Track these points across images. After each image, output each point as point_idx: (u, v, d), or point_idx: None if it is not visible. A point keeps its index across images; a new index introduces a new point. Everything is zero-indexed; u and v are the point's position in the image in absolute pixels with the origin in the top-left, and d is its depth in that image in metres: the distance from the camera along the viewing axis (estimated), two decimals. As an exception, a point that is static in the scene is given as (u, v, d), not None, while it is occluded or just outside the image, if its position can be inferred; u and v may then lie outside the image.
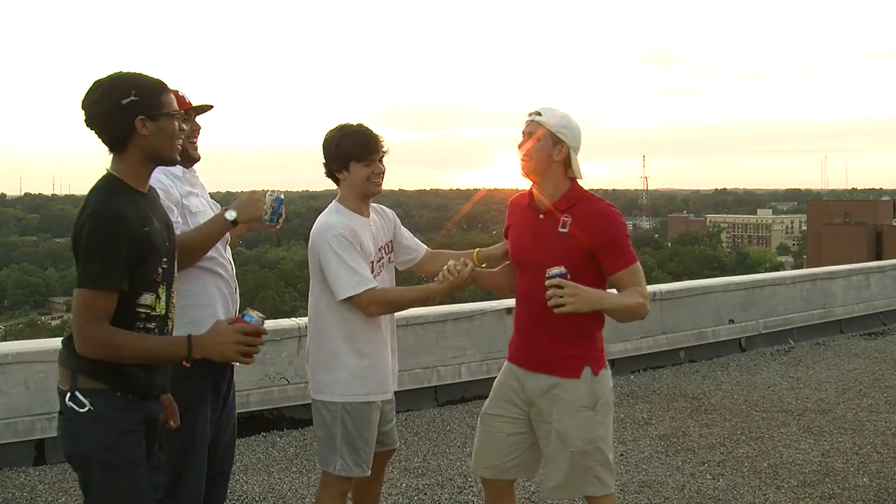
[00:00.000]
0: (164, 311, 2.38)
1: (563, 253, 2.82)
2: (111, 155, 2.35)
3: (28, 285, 77.68)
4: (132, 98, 2.27)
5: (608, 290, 2.92)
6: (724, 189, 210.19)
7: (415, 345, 6.04)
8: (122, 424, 2.29)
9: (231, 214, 2.83)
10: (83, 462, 2.29)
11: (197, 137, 3.01)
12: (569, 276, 2.70)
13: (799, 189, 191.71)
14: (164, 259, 2.35)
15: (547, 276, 2.70)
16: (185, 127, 2.67)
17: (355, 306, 3.01)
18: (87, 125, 2.32)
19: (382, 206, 3.35)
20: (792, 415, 5.89)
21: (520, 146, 2.93)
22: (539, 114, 2.90)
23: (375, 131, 3.10)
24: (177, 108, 2.39)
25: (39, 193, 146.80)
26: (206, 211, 2.96)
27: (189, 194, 2.90)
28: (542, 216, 2.93)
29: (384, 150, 3.12)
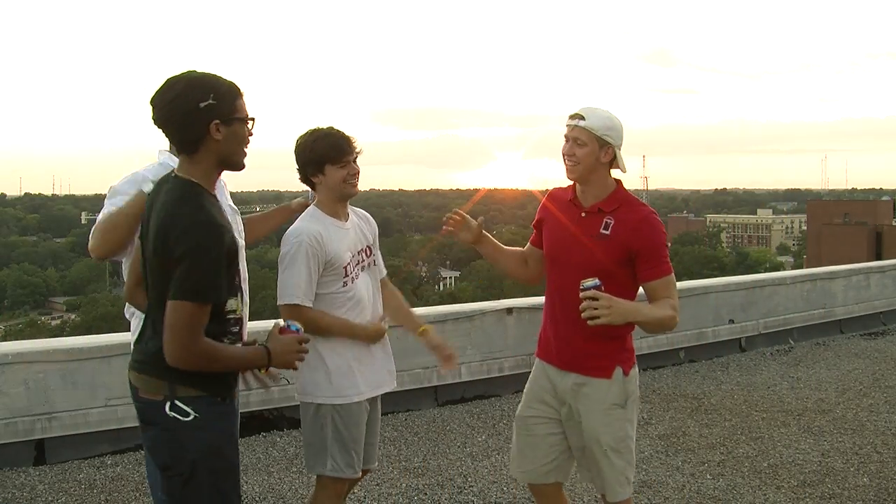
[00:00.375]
0: (241, 313, 2.43)
1: (603, 254, 2.83)
2: (180, 156, 2.32)
3: (28, 285, 77.65)
4: (210, 101, 2.22)
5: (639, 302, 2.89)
6: (724, 189, 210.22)
7: (415, 345, 5.99)
8: (226, 429, 2.35)
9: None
10: (190, 469, 2.26)
11: None
12: (603, 289, 2.68)
13: (799, 189, 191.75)
14: (239, 260, 2.41)
15: (581, 287, 2.69)
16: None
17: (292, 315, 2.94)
18: (158, 124, 2.29)
19: (366, 214, 3.35)
20: (792, 415, 5.89)
21: (565, 151, 2.90)
22: (582, 117, 2.85)
23: (346, 133, 3.11)
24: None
25: (39, 193, 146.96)
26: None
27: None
28: (584, 214, 2.92)
29: (357, 150, 3.12)
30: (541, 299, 3.24)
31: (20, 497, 4.39)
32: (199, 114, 2.22)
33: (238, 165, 2.39)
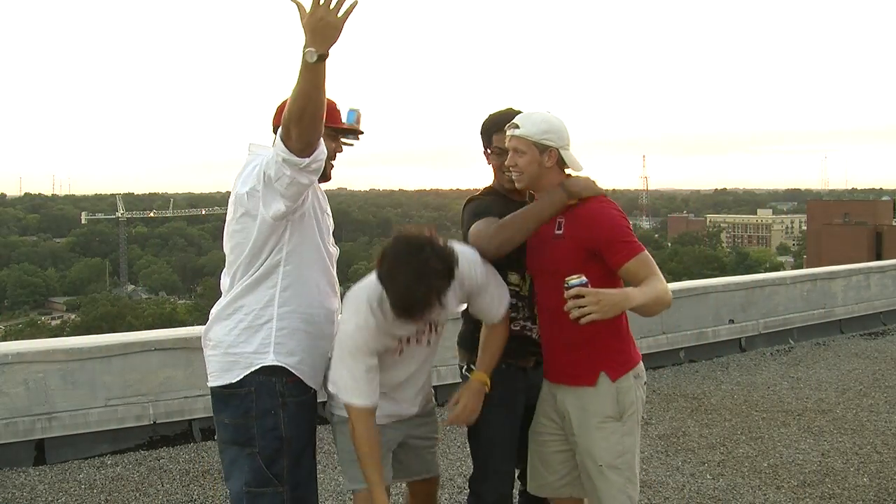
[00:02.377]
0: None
1: (561, 255, 2.73)
2: None
3: (28, 285, 77.70)
4: None
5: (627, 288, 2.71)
6: (724, 189, 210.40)
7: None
8: None
9: (311, 54, 2.28)
10: None
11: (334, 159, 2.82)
12: (589, 285, 2.54)
13: (799, 189, 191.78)
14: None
15: (566, 286, 2.55)
16: (342, 149, 2.81)
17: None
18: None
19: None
20: (792, 415, 5.89)
21: (507, 163, 2.82)
22: (517, 126, 2.77)
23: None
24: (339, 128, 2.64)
25: (39, 193, 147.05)
26: (311, 214, 2.70)
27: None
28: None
29: None
30: None
31: (20, 497, 4.40)
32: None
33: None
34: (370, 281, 2.58)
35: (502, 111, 3.03)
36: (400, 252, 2.43)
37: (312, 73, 2.29)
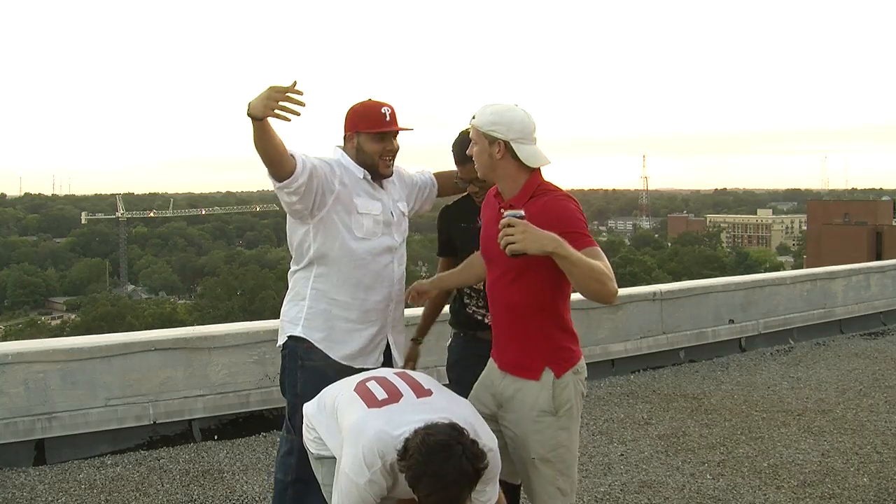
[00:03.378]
0: None
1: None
2: None
3: (28, 285, 77.70)
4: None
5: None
6: (724, 189, 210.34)
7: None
8: None
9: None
10: None
11: (391, 159, 3.25)
12: (525, 219, 2.54)
13: (799, 189, 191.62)
14: None
15: (503, 215, 2.56)
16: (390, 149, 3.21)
17: None
18: None
19: None
20: (792, 415, 5.89)
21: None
22: (474, 116, 2.79)
23: None
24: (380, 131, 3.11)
25: (39, 193, 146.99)
26: (373, 213, 3.20)
27: (360, 193, 3.18)
28: (502, 210, 2.75)
29: None
30: None
31: (20, 497, 4.40)
32: None
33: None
34: (385, 435, 2.46)
35: (464, 139, 3.16)
36: (432, 456, 2.33)
37: (253, 128, 2.84)
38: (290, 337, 3.27)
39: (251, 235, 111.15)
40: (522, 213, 2.56)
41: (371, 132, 3.13)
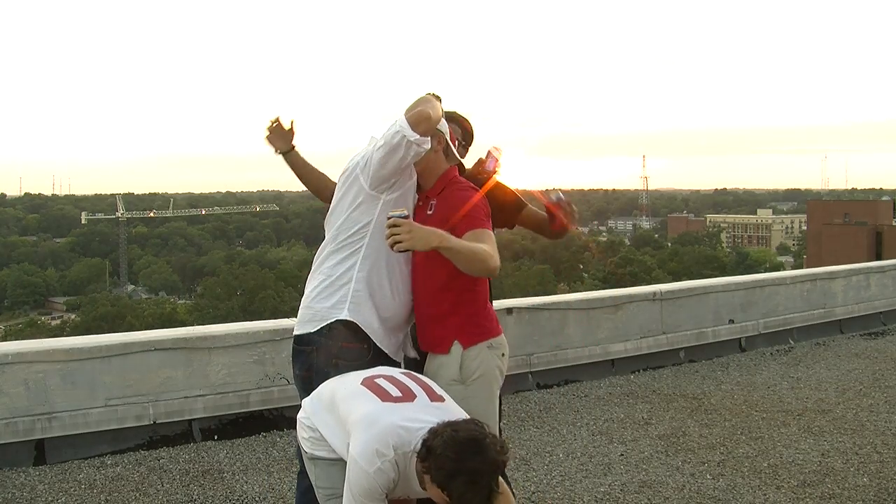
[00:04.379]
0: None
1: None
2: None
3: (28, 285, 77.74)
4: None
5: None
6: (724, 189, 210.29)
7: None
8: None
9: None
10: None
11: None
12: (410, 219, 2.78)
13: (799, 189, 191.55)
14: None
15: (388, 217, 2.78)
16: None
17: None
18: None
19: None
20: (792, 415, 5.89)
21: None
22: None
23: None
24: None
25: (39, 193, 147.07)
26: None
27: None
28: (420, 203, 3.13)
29: None
30: (541, 299, 3.30)
31: (20, 497, 4.40)
32: None
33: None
34: (401, 430, 2.47)
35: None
36: (464, 451, 2.34)
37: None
38: (325, 327, 3.02)
39: (251, 235, 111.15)
40: (406, 213, 2.80)
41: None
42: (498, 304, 6.64)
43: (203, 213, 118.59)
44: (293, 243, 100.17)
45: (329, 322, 3.01)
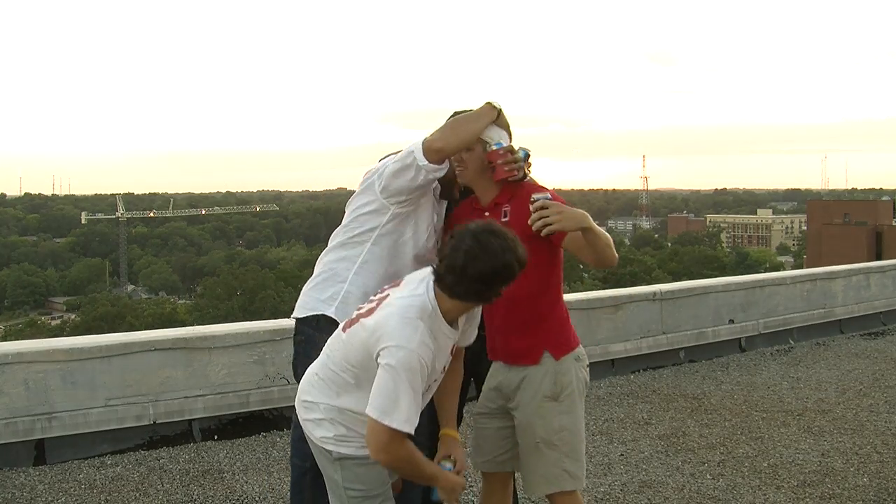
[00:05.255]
0: None
1: None
2: None
3: (28, 285, 77.73)
4: None
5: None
6: (724, 189, 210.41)
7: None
8: None
9: None
10: None
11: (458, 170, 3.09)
12: (551, 199, 2.70)
13: (799, 189, 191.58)
14: None
15: (531, 200, 2.68)
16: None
17: (373, 438, 2.45)
18: None
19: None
20: (792, 415, 5.89)
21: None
22: None
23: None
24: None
25: (39, 193, 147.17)
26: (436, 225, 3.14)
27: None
28: (487, 213, 2.92)
29: None
30: None
31: (20, 497, 4.40)
32: None
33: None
34: (417, 303, 2.49)
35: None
36: (478, 233, 2.46)
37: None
38: (314, 317, 3.07)
39: (251, 235, 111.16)
40: (549, 195, 2.69)
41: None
42: (498, 304, 6.65)
43: (203, 213, 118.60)
44: (293, 243, 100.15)
45: (316, 314, 3.07)
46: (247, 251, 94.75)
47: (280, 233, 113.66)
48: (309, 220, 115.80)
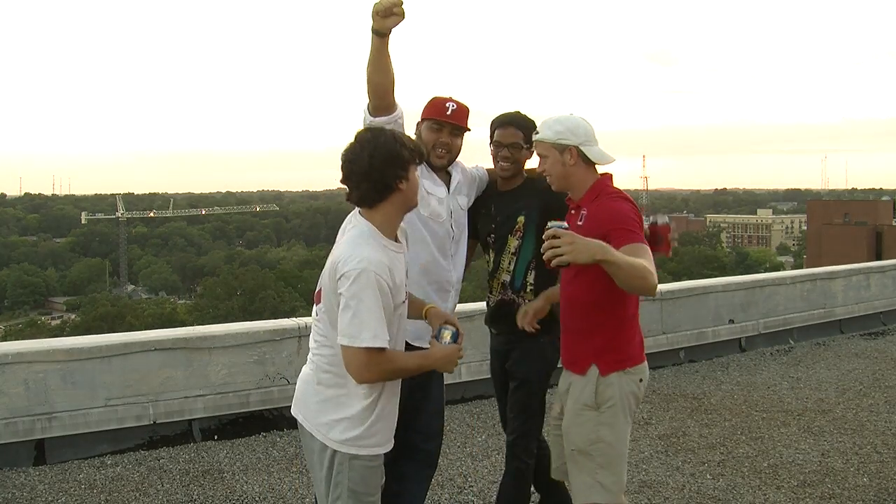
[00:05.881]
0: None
1: None
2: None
3: (28, 285, 77.68)
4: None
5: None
6: (724, 189, 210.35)
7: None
8: None
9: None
10: None
11: (444, 151, 3.31)
12: (569, 230, 2.60)
13: (799, 189, 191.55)
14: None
15: (546, 227, 2.61)
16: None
17: (352, 364, 2.49)
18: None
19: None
20: (792, 415, 5.89)
21: (538, 167, 3.03)
22: (537, 132, 2.99)
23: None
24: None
25: (39, 193, 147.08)
26: (438, 195, 3.28)
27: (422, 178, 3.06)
28: (572, 211, 3.02)
29: None
30: None
31: (20, 497, 4.40)
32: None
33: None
34: (355, 232, 2.58)
35: (509, 112, 3.45)
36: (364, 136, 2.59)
37: (374, 46, 2.90)
38: None
39: (251, 235, 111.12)
40: (566, 224, 2.63)
41: (429, 120, 3.28)
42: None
43: (203, 213, 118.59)
44: (293, 243, 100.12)
45: None
46: (247, 251, 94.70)
47: (280, 233, 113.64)
48: (309, 220, 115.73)
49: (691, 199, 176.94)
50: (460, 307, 6.68)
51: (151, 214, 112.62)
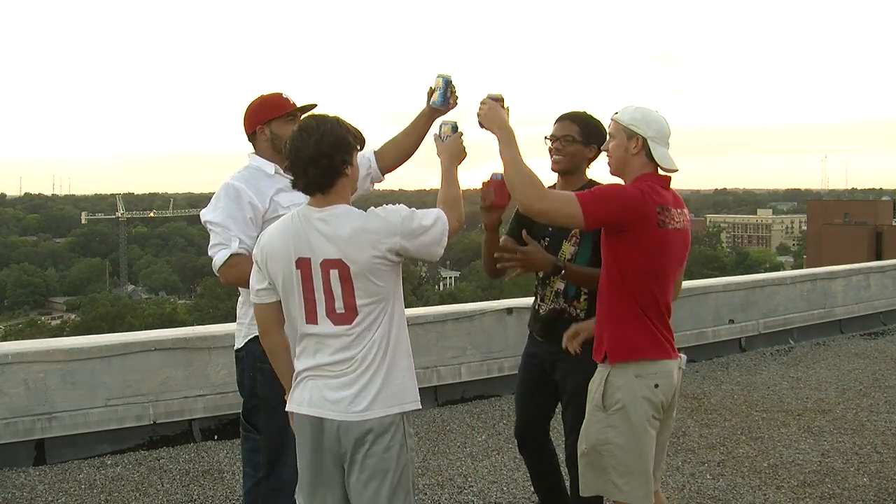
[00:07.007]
0: None
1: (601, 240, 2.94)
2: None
3: (28, 285, 77.64)
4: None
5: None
6: (724, 189, 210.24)
7: (415, 345, 5.92)
8: None
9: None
10: None
11: None
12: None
13: (799, 189, 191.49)
14: None
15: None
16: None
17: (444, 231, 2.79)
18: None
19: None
20: (792, 415, 5.89)
21: (602, 148, 3.03)
22: (616, 112, 2.94)
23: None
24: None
25: (39, 193, 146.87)
26: (297, 202, 3.05)
27: (279, 191, 3.09)
28: None
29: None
30: None
31: (20, 497, 4.40)
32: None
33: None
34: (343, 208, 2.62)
35: (575, 111, 3.39)
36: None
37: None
38: (252, 339, 3.23)
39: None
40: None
41: (282, 115, 3.13)
42: (498, 304, 6.67)
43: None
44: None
45: (250, 338, 3.45)
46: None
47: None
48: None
49: (691, 199, 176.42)
50: (460, 307, 6.69)
51: (151, 214, 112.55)
